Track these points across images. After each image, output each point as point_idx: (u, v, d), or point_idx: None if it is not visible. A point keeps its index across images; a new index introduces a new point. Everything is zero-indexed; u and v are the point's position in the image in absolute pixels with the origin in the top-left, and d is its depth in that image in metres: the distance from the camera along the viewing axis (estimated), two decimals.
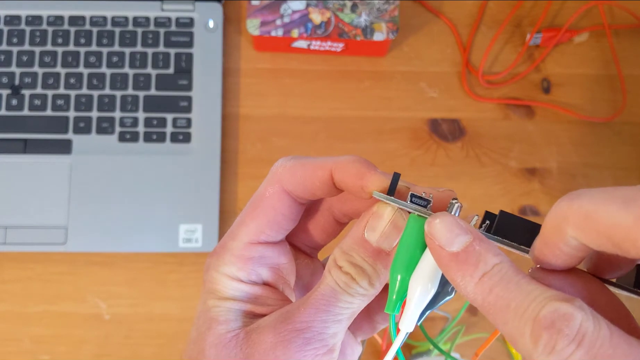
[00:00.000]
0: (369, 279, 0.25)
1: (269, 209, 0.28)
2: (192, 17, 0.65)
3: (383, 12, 0.62)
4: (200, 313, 0.27)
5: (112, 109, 0.62)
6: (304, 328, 0.25)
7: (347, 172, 0.26)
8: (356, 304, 0.26)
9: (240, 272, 0.27)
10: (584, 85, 0.66)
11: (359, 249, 0.26)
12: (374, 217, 0.26)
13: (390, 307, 0.25)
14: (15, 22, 0.64)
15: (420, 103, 0.65)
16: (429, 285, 0.24)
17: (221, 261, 0.27)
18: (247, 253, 0.27)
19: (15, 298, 0.59)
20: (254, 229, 0.28)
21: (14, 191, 0.60)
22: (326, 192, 0.28)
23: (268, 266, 0.28)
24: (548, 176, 0.64)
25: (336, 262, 0.26)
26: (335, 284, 0.25)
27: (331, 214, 0.30)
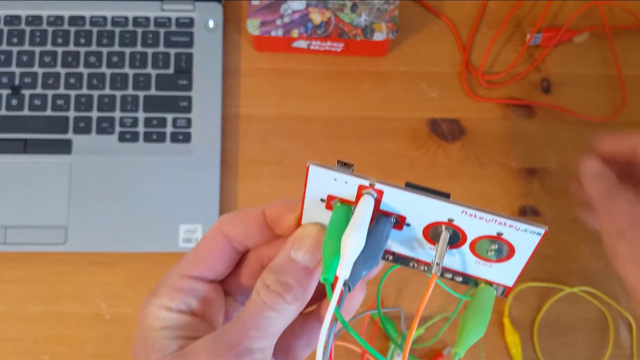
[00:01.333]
0: (294, 293, 0.27)
1: (206, 248, 0.31)
2: (192, 17, 0.65)
3: (383, 12, 0.63)
4: (137, 344, 0.30)
5: (112, 109, 0.62)
6: (235, 345, 0.26)
7: (276, 206, 0.30)
8: (282, 319, 0.27)
9: (170, 301, 0.30)
10: (584, 85, 0.66)
11: (285, 266, 0.28)
12: (299, 238, 0.29)
13: (325, 272, 0.26)
14: (15, 22, 0.64)
15: (420, 103, 0.65)
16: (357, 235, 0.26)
17: (154, 295, 0.30)
18: (178, 284, 0.30)
19: (15, 298, 0.59)
20: (187, 263, 0.31)
21: (14, 191, 0.60)
22: (259, 232, 0.30)
23: (197, 298, 0.30)
24: (548, 176, 0.64)
25: (264, 281, 0.28)
26: (262, 302, 0.27)
27: (259, 262, 0.32)
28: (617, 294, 0.61)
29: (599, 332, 0.60)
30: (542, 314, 0.60)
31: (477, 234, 0.27)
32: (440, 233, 0.27)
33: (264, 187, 0.63)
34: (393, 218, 0.28)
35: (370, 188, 0.27)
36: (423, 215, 0.27)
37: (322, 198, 0.28)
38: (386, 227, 0.28)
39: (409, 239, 0.28)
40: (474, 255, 0.28)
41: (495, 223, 0.26)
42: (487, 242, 0.27)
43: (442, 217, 0.26)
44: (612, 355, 0.60)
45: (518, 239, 0.26)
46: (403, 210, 0.27)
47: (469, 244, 0.27)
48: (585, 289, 0.61)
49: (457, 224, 0.26)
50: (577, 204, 0.51)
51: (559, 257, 0.62)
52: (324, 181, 0.27)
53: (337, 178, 0.27)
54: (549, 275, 0.61)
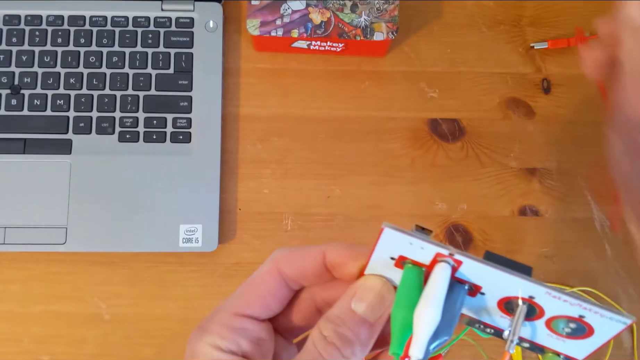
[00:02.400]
0: (352, 348, 0.26)
1: (260, 285, 0.30)
2: (192, 17, 0.65)
3: (383, 12, 0.62)
4: None
5: (112, 109, 0.62)
6: None
7: (338, 250, 0.29)
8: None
9: (221, 341, 0.28)
10: (584, 86, 0.66)
11: (345, 318, 0.27)
12: (362, 289, 0.27)
13: (395, 346, 0.25)
14: (14, 22, 0.64)
15: (420, 103, 0.65)
16: (434, 310, 0.24)
17: (204, 332, 0.29)
18: (230, 322, 0.29)
19: (15, 298, 0.59)
20: (241, 301, 0.29)
21: (14, 191, 0.60)
22: (316, 274, 0.29)
23: (248, 338, 0.29)
24: (548, 176, 0.64)
25: (322, 331, 0.27)
26: (319, 355, 0.26)
27: (313, 302, 0.31)
28: (617, 294, 0.61)
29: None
30: None
31: (557, 313, 0.26)
32: (517, 306, 0.26)
33: (264, 187, 0.63)
34: (468, 286, 0.26)
35: (449, 257, 0.25)
36: (501, 289, 0.26)
37: (392, 257, 0.27)
38: (460, 296, 0.26)
39: (479, 306, 0.27)
40: (548, 329, 0.27)
41: (579, 307, 0.25)
42: (565, 321, 0.26)
43: (522, 293, 0.25)
44: (612, 355, 0.60)
45: (600, 323, 0.25)
46: (479, 281, 0.26)
47: (545, 319, 0.26)
48: (585, 289, 0.61)
49: (537, 301, 0.25)
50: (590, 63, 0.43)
51: (559, 257, 0.62)
52: (398, 243, 0.26)
53: (413, 243, 0.25)
54: (549, 275, 0.61)
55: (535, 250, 0.62)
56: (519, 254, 0.62)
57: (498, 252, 0.26)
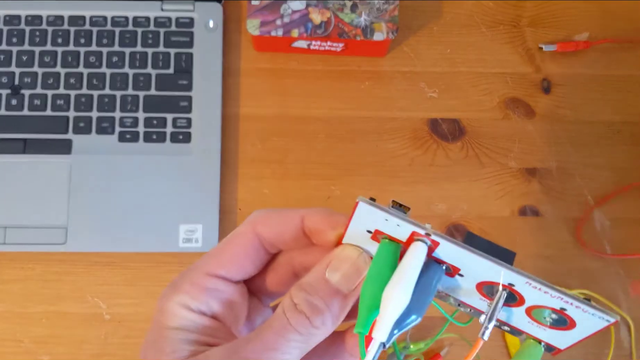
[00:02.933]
0: (322, 318, 0.25)
1: (235, 247, 0.29)
2: (192, 17, 0.65)
3: (383, 12, 0.63)
4: (147, 342, 0.27)
5: (112, 109, 0.62)
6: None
7: (318, 216, 0.28)
8: (306, 344, 0.25)
9: (191, 300, 0.27)
10: (584, 86, 0.66)
11: (318, 287, 0.26)
12: (337, 259, 0.27)
13: (360, 325, 0.24)
14: (15, 22, 0.64)
15: (420, 103, 0.65)
16: (403, 293, 0.24)
17: (175, 289, 0.28)
18: (202, 282, 0.28)
19: (15, 298, 0.59)
20: (215, 261, 0.28)
21: (14, 191, 0.60)
22: (294, 238, 0.28)
23: (220, 300, 0.28)
24: (548, 176, 0.64)
25: (292, 298, 0.26)
26: (287, 322, 0.25)
27: (291, 267, 0.30)
28: (617, 294, 0.61)
29: (598, 333, 0.60)
30: None
31: (537, 303, 0.25)
32: (496, 292, 0.25)
33: (264, 187, 0.63)
34: (445, 267, 0.25)
35: (425, 237, 0.24)
36: (480, 273, 0.25)
37: (368, 230, 0.26)
38: (436, 276, 0.25)
39: (458, 287, 0.26)
40: (529, 317, 0.26)
41: (561, 300, 0.24)
42: (546, 311, 0.25)
43: (502, 280, 0.24)
44: (612, 355, 0.60)
45: (582, 318, 0.24)
46: (458, 263, 0.25)
47: (525, 307, 0.25)
48: (584, 292, 0.61)
49: (517, 289, 0.25)
50: None
51: (558, 257, 0.62)
52: (373, 218, 0.25)
53: (388, 219, 0.24)
54: (548, 275, 0.61)
55: (534, 250, 0.62)
56: (519, 254, 0.61)
57: None
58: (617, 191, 0.63)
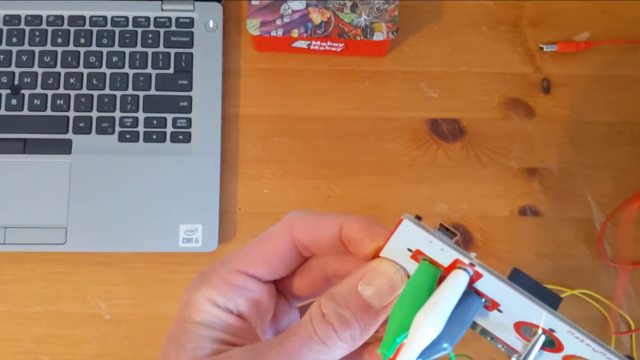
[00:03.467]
0: (351, 332, 0.25)
1: (269, 247, 0.28)
2: (192, 17, 0.65)
3: (383, 12, 0.62)
4: (171, 336, 0.27)
5: (112, 109, 0.62)
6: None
7: (357, 224, 0.26)
8: (330, 356, 0.25)
9: (219, 296, 0.27)
10: (584, 86, 0.66)
11: (349, 299, 0.25)
12: (372, 272, 0.26)
13: (385, 347, 0.23)
14: (15, 22, 0.64)
15: (420, 103, 0.65)
16: (436, 322, 0.23)
17: (204, 283, 0.27)
18: (231, 279, 0.27)
19: (15, 298, 0.59)
20: (246, 259, 0.28)
21: (14, 191, 0.60)
22: (330, 244, 0.27)
23: (248, 299, 0.27)
24: (548, 176, 0.64)
25: (321, 307, 0.25)
26: (313, 332, 0.25)
27: (323, 271, 0.29)
28: (617, 294, 0.61)
29: (598, 333, 0.60)
30: None
31: (577, 353, 0.23)
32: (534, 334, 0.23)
33: (264, 187, 0.63)
34: (485, 300, 0.24)
35: (469, 267, 0.23)
36: (521, 312, 0.23)
37: (409, 248, 0.24)
38: (474, 308, 0.24)
39: (495, 321, 0.25)
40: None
41: (602, 356, 0.22)
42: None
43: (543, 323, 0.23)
44: None
45: None
46: (498, 298, 0.24)
47: (563, 355, 0.24)
48: (584, 292, 0.61)
49: (557, 336, 0.23)
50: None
51: (558, 256, 0.62)
52: (416, 238, 0.23)
53: (432, 242, 0.23)
54: (548, 275, 0.61)
55: (535, 250, 0.62)
56: (519, 254, 0.62)
57: (499, 252, 0.25)
58: (634, 197, 0.63)
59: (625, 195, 0.63)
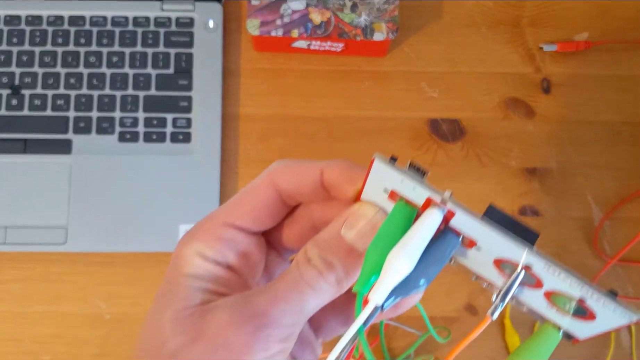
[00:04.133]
0: (336, 275, 0.25)
1: (253, 198, 0.28)
2: (192, 17, 0.65)
3: (383, 12, 0.63)
4: (161, 289, 0.28)
5: (112, 109, 0.62)
6: (260, 314, 0.24)
7: (337, 169, 0.27)
8: (318, 299, 0.25)
9: (207, 249, 0.27)
10: (584, 86, 0.66)
11: (332, 243, 0.26)
12: (353, 216, 0.26)
13: (360, 285, 0.24)
14: (15, 22, 0.64)
15: (420, 103, 0.65)
16: (407, 260, 0.23)
17: (192, 237, 0.28)
18: (218, 232, 0.28)
19: (15, 298, 0.59)
20: (232, 212, 0.28)
21: (14, 191, 0.60)
22: (313, 191, 0.28)
23: (236, 251, 0.28)
24: (548, 176, 0.64)
25: (306, 253, 0.26)
26: (299, 276, 0.25)
27: (310, 220, 0.30)
28: None
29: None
30: None
31: (556, 289, 0.23)
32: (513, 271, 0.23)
33: None
34: (461, 239, 0.24)
35: (441, 205, 0.23)
36: (498, 250, 0.23)
37: (385, 188, 0.25)
38: (451, 246, 0.24)
39: (474, 259, 0.25)
40: (548, 301, 0.24)
41: (579, 290, 0.22)
42: (567, 299, 0.23)
43: (520, 260, 0.23)
44: (612, 355, 0.60)
45: (602, 312, 0.22)
46: (475, 236, 0.24)
47: (544, 291, 0.24)
48: None
49: (535, 272, 0.23)
50: None
51: (558, 256, 0.62)
52: (389, 178, 0.24)
53: (404, 181, 0.23)
54: None
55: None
56: None
57: None
58: (631, 196, 0.63)
59: (625, 195, 0.63)
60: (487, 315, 0.24)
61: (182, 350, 0.25)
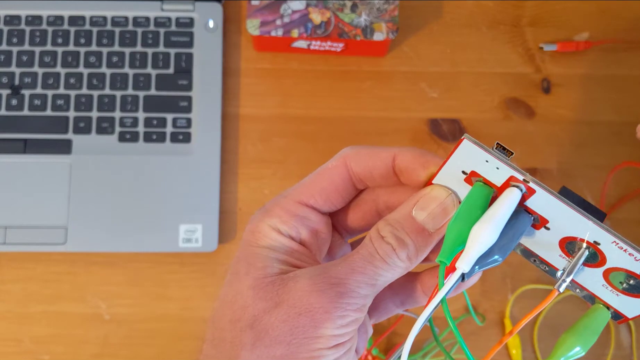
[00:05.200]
0: (407, 252, 0.27)
1: (326, 179, 0.30)
2: (192, 17, 0.65)
3: (383, 12, 0.63)
4: (239, 258, 0.29)
5: (112, 109, 0.62)
6: (339, 283, 0.26)
7: (409, 154, 0.28)
8: (390, 273, 0.27)
9: (282, 224, 0.29)
10: (584, 86, 0.66)
11: (404, 223, 0.27)
12: (425, 198, 0.28)
13: (444, 256, 0.25)
14: (15, 22, 0.64)
15: (420, 103, 0.65)
16: (493, 231, 0.24)
17: (267, 213, 0.30)
18: (293, 209, 0.29)
19: (15, 298, 0.59)
20: (306, 191, 0.30)
21: (14, 191, 0.60)
22: (384, 175, 0.29)
23: (308, 228, 0.30)
24: (548, 176, 0.64)
25: (379, 231, 0.27)
26: (374, 251, 0.27)
27: (375, 204, 0.31)
28: None
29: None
30: (543, 315, 0.60)
31: (619, 265, 0.25)
32: (579, 249, 0.25)
33: (264, 187, 0.63)
34: (534, 217, 0.26)
35: (522, 183, 0.24)
36: (568, 227, 0.25)
37: (464, 170, 0.26)
38: (524, 224, 0.26)
39: (540, 240, 0.27)
40: (604, 280, 0.26)
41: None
42: (625, 275, 0.25)
43: (588, 236, 0.24)
44: (612, 355, 0.60)
45: None
46: (547, 214, 0.25)
47: (604, 269, 0.25)
48: None
49: (602, 249, 0.25)
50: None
51: None
52: (474, 158, 0.25)
53: (489, 160, 0.25)
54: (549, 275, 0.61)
55: None
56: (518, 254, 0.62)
57: None
58: (631, 195, 0.63)
59: (625, 195, 0.63)
60: (554, 289, 0.25)
61: (265, 315, 0.26)
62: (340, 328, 0.26)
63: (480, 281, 0.61)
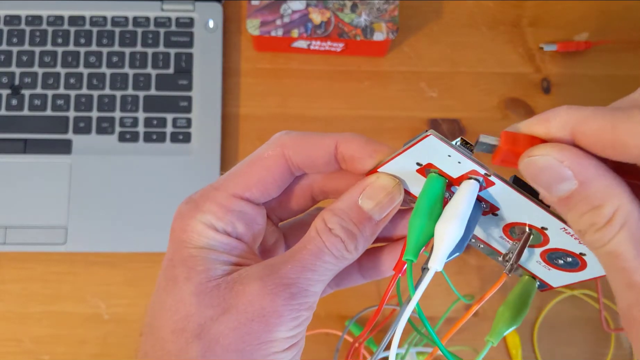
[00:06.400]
0: (356, 243, 0.26)
1: (263, 170, 0.28)
2: (192, 17, 0.65)
3: (383, 12, 0.63)
4: (173, 262, 0.27)
5: (112, 109, 0.62)
6: (291, 283, 0.25)
7: (355, 143, 0.28)
8: (339, 266, 0.27)
9: (217, 221, 0.27)
10: (584, 86, 0.66)
11: (351, 213, 0.27)
12: (372, 187, 0.27)
13: (410, 253, 0.25)
14: (15, 22, 0.64)
15: (420, 103, 0.65)
16: (459, 227, 0.24)
17: (198, 208, 0.28)
18: (229, 204, 0.28)
19: (15, 298, 0.59)
20: (242, 184, 0.28)
21: (14, 191, 0.60)
22: (325, 164, 0.28)
23: (244, 222, 0.28)
24: None
25: (326, 223, 0.26)
26: (323, 245, 0.26)
27: (309, 189, 0.30)
28: None
29: (598, 334, 0.60)
30: (543, 315, 0.60)
31: (560, 246, 0.25)
32: (523, 233, 0.26)
33: None
34: (485, 206, 0.26)
35: (482, 176, 0.25)
36: (518, 214, 0.25)
37: (419, 162, 0.26)
38: (478, 214, 0.26)
39: (486, 225, 0.27)
40: (541, 258, 0.27)
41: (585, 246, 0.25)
42: (564, 254, 0.26)
43: (537, 222, 0.25)
44: (612, 355, 0.60)
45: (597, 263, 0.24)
46: (499, 203, 0.26)
47: (545, 249, 0.26)
48: (585, 292, 0.61)
49: (548, 233, 0.25)
50: None
51: None
52: (435, 152, 0.25)
53: (452, 155, 0.24)
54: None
55: None
56: None
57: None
58: None
59: None
60: (503, 273, 0.26)
61: (213, 324, 0.25)
62: (293, 329, 0.25)
63: (477, 274, 0.61)
